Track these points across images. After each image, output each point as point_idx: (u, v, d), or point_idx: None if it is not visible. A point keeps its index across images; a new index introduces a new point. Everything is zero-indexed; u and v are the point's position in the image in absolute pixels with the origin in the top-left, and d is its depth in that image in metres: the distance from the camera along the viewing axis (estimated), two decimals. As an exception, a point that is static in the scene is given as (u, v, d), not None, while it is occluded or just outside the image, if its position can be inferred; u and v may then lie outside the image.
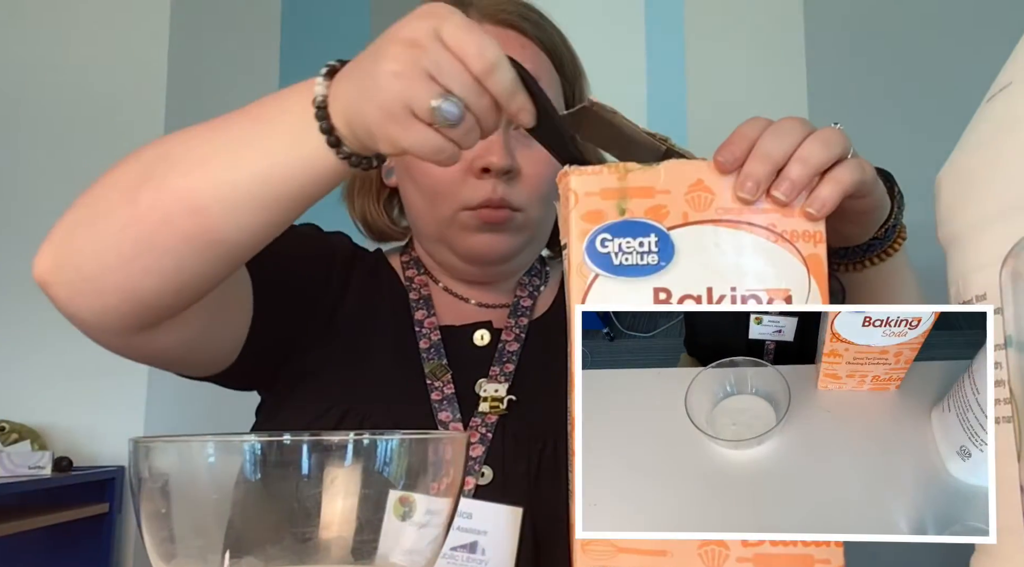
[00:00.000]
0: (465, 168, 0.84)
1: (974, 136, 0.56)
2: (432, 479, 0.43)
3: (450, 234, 0.88)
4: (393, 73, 0.56)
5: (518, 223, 0.87)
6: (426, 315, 0.90)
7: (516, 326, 0.90)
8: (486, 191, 0.84)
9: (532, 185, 0.86)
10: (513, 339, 0.89)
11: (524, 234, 0.88)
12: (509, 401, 0.84)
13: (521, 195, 0.85)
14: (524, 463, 0.82)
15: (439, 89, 0.55)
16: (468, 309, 0.93)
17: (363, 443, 0.42)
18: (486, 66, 0.56)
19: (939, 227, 0.58)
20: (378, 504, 0.42)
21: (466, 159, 0.82)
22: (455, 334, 0.89)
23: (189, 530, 0.41)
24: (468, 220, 0.86)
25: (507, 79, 0.57)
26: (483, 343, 0.89)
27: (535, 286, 0.95)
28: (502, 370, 0.87)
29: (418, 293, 0.92)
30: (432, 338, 0.88)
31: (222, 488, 0.41)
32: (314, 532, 0.41)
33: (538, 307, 0.94)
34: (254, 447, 0.40)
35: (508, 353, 0.88)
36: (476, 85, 0.56)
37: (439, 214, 0.87)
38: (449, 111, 0.56)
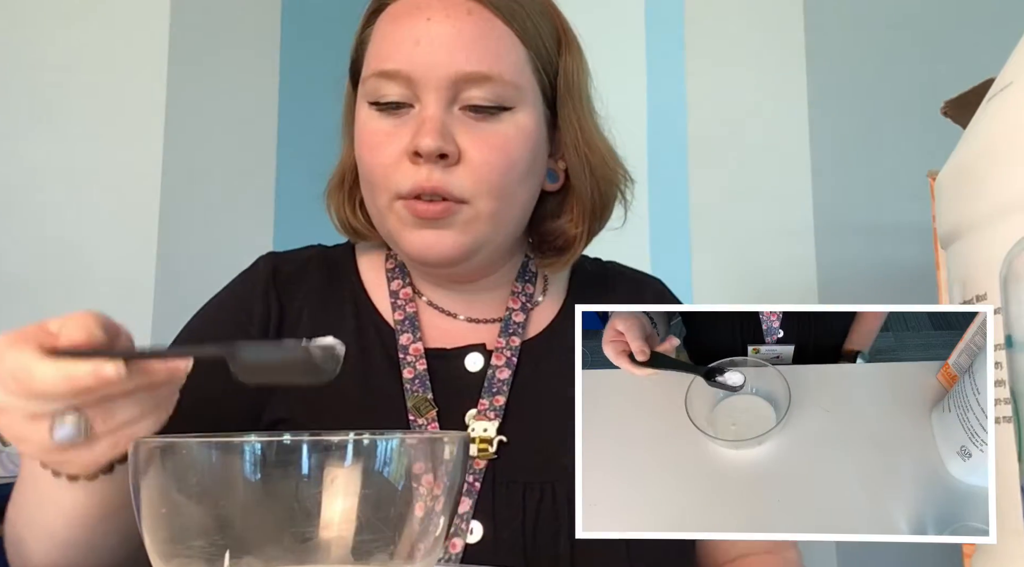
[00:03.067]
0: (400, 152, 0.74)
1: (974, 136, 0.56)
2: (432, 478, 0.43)
3: (391, 229, 0.77)
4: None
5: (465, 218, 0.75)
6: (411, 340, 0.79)
7: (507, 347, 0.80)
8: (419, 177, 0.73)
9: (478, 173, 0.74)
10: (504, 364, 0.79)
11: (473, 232, 0.75)
12: (499, 443, 0.75)
13: (463, 183, 0.73)
14: (519, 516, 0.73)
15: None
16: (458, 327, 0.82)
17: (363, 443, 0.42)
18: (27, 385, 0.52)
19: (939, 227, 0.58)
20: (378, 504, 0.42)
21: (402, 144, 0.74)
22: (446, 359, 0.79)
23: (189, 530, 0.41)
24: (402, 212, 0.75)
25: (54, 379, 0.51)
26: (476, 369, 0.79)
27: (529, 295, 0.84)
28: (491, 404, 0.77)
29: (403, 312, 0.81)
30: (417, 367, 0.77)
31: (222, 488, 0.41)
32: (314, 532, 0.41)
33: (533, 324, 0.83)
34: (254, 447, 0.40)
35: (498, 382, 0.78)
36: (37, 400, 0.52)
37: (378, 205, 0.77)
38: (66, 435, 0.54)
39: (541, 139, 0.79)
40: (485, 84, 0.74)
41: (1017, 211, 0.50)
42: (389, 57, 0.75)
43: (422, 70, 0.73)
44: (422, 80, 0.73)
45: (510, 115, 0.75)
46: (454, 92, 0.74)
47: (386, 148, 0.75)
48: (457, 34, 0.74)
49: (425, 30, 0.74)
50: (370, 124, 0.77)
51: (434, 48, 0.73)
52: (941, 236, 0.58)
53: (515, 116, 0.76)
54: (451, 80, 0.73)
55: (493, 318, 0.83)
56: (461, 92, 0.74)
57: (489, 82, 0.74)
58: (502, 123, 0.75)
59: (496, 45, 0.75)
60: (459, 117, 0.74)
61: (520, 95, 0.76)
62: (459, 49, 0.73)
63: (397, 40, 0.75)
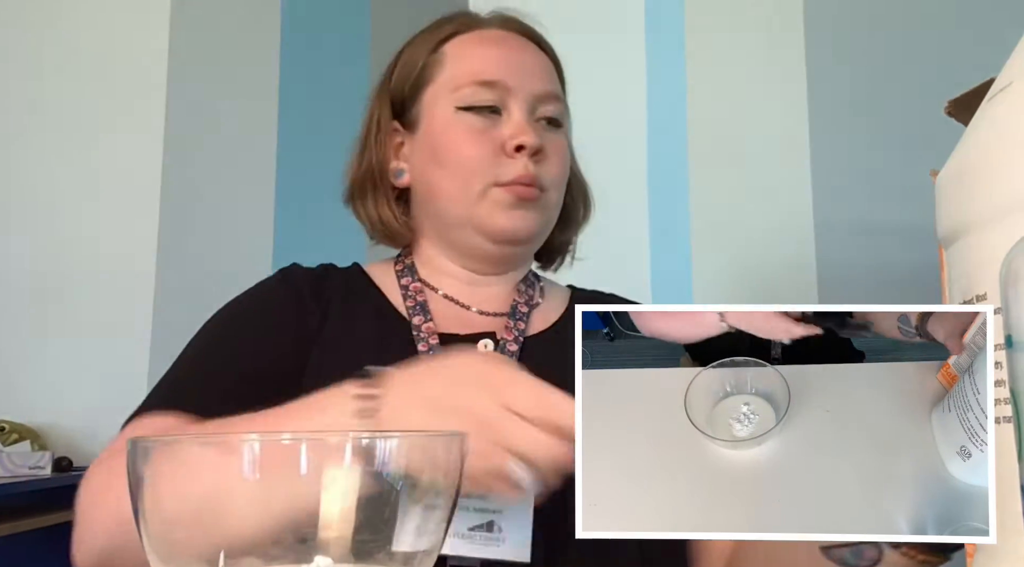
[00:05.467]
0: (497, 148, 0.90)
1: (974, 136, 0.56)
2: (432, 478, 0.43)
3: (480, 212, 0.90)
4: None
5: (544, 202, 0.92)
6: (423, 321, 0.90)
7: (515, 328, 0.92)
8: (519, 169, 0.89)
9: (554, 168, 0.92)
10: (512, 340, 0.91)
11: (547, 215, 0.93)
12: None
13: (548, 174, 0.91)
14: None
15: (514, 457, 0.58)
16: (469, 316, 0.93)
17: (362, 442, 0.42)
18: (556, 421, 0.57)
19: (939, 227, 0.58)
20: (378, 504, 0.42)
21: (498, 140, 0.89)
22: (458, 342, 0.89)
23: (188, 530, 0.41)
24: (500, 196, 0.89)
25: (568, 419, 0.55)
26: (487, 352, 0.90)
27: (530, 296, 0.97)
28: None
29: (414, 300, 0.93)
30: (431, 342, 0.88)
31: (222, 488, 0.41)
32: (314, 532, 0.41)
33: (535, 323, 0.95)
34: (253, 447, 0.40)
35: (508, 353, 0.89)
36: (553, 441, 0.57)
37: (471, 191, 0.90)
38: (523, 478, 0.57)
39: None
40: (554, 102, 0.94)
41: (1017, 211, 0.49)
42: (485, 71, 0.92)
43: (518, 84, 0.92)
44: (517, 92, 0.92)
45: (563, 130, 0.96)
46: (534, 106, 0.93)
47: (484, 144, 0.90)
48: (537, 62, 0.96)
49: (518, 56, 0.95)
50: (462, 123, 0.92)
51: (525, 69, 0.94)
52: (941, 236, 0.58)
53: (563, 133, 0.97)
54: (536, 95, 0.93)
55: (500, 312, 0.94)
56: (538, 107, 0.93)
57: (557, 102, 0.95)
58: (560, 134, 0.95)
59: (554, 76, 0.97)
60: (535, 125, 0.92)
61: (566, 116, 0.98)
62: (541, 73, 0.95)
63: (494, 59, 0.94)
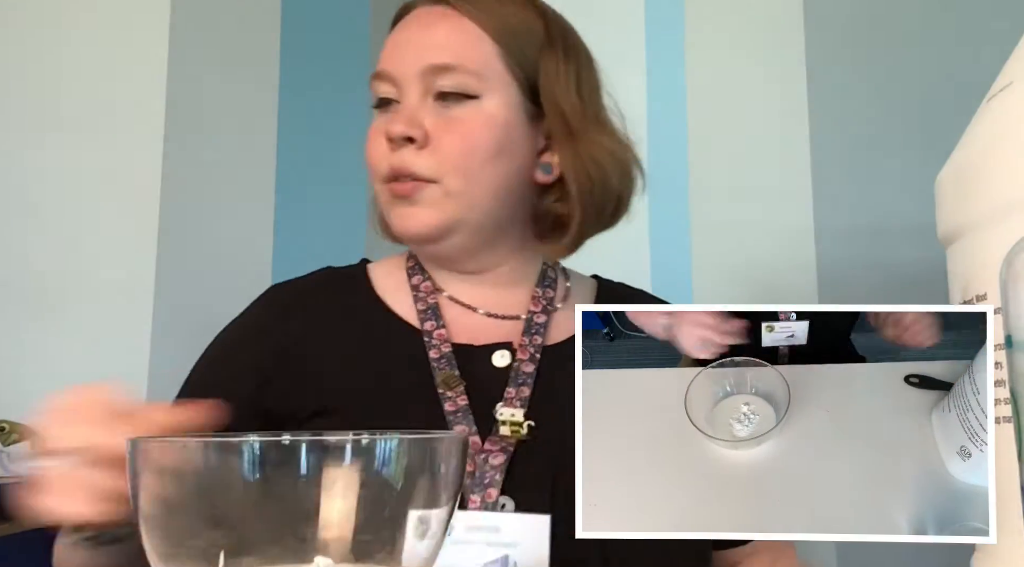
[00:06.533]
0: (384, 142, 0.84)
1: (974, 136, 0.56)
2: (431, 478, 0.43)
3: (383, 211, 0.88)
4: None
5: (434, 196, 0.83)
6: (435, 327, 0.85)
7: (531, 345, 0.85)
8: (392, 160, 0.83)
9: (443, 153, 0.82)
10: (528, 359, 0.84)
11: (447, 208, 0.83)
12: (529, 426, 0.80)
13: (428, 164, 0.82)
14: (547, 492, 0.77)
15: None
16: (480, 323, 0.87)
17: (362, 443, 0.42)
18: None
19: (939, 227, 0.58)
20: (378, 504, 0.42)
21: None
22: (473, 355, 0.84)
23: (188, 530, 0.41)
24: (384, 193, 0.86)
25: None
26: (503, 365, 0.84)
27: (549, 299, 0.90)
28: (518, 394, 0.82)
29: (425, 303, 0.87)
30: (443, 350, 0.83)
31: (222, 488, 0.41)
32: (314, 532, 0.41)
33: (556, 329, 0.88)
34: (253, 447, 0.40)
35: (524, 374, 0.83)
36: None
37: (378, 192, 0.87)
38: None
39: (514, 127, 0.86)
40: (450, 73, 0.83)
41: (1017, 211, 0.49)
42: (379, 62, 0.87)
43: (400, 68, 0.85)
44: (400, 77, 0.85)
45: (475, 103, 0.84)
46: (426, 83, 0.84)
47: (378, 140, 0.85)
48: (427, 35, 0.86)
49: (403, 35, 0.87)
50: (373, 123, 0.88)
51: (408, 48, 0.86)
52: (941, 236, 0.58)
53: (480, 104, 0.84)
54: (420, 73, 0.84)
55: (513, 315, 0.88)
56: (431, 83, 0.83)
57: (453, 71, 0.83)
58: (466, 109, 0.84)
59: (462, 39, 0.85)
60: (431, 106, 0.84)
61: (486, 85, 0.84)
62: (427, 46, 0.85)
63: (387, 48, 0.88)
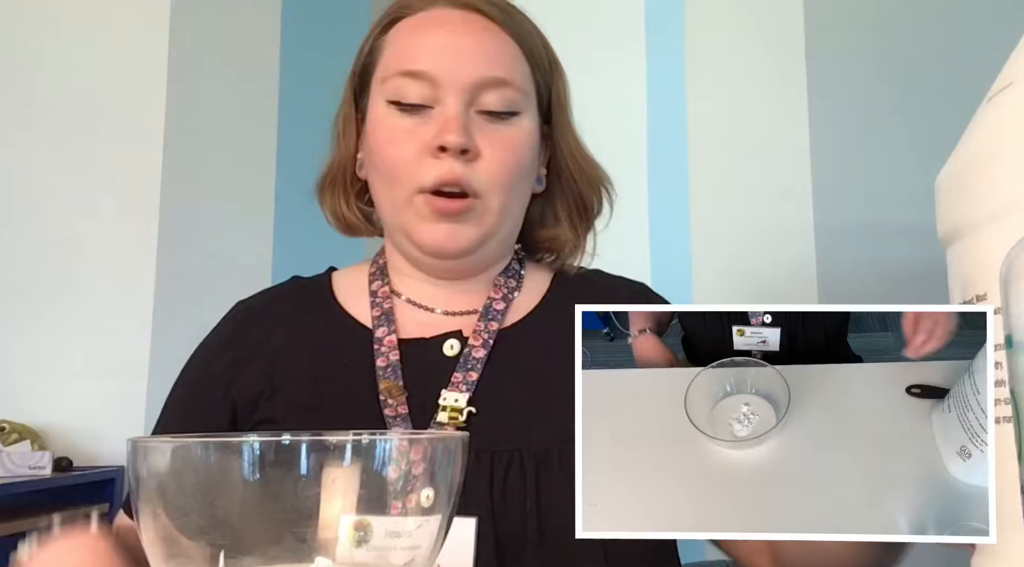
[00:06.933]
0: (423, 149, 0.80)
1: (974, 136, 0.56)
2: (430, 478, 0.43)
3: (407, 222, 0.82)
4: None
5: (477, 212, 0.81)
6: (386, 333, 0.84)
7: (485, 330, 0.84)
8: (441, 170, 0.79)
9: (491, 169, 0.81)
10: (480, 345, 0.83)
11: (484, 225, 0.82)
12: (468, 413, 0.79)
13: (479, 178, 0.80)
14: (487, 482, 0.76)
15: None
16: (435, 320, 0.86)
17: (362, 443, 0.42)
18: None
19: (939, 227, 0.58)
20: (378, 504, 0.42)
21: (424, 140, 0.80)
22: (424, 347, 0.83)
23: (188, 530, 0.41)
24: (421, 207, 0.81)
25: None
26: (453, 353, 0.83)
27: (510, 288, 0.88)
28: (464, 378, 0.81)
29: (380, 308, 0.86)
30: (391, 357, 0.82)
31: (221, 488, 0.41)
32: (314, 532, 0.41)
33: (510, 314, 0.87)
34: (253, 447, 0.40)
35: (473, 359, 0.82)
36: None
37: (396, 198, 0.82)
38: None
39: (536, 144, 0.87)
40: (500, 89, 0.82)
41: (1017, 211, 0.49)
42: (414, 59, 0.82)
43: (448, 74, 0.81)
44: (447, 83, 0.81)
45: (518, 119, 0.84)
46: (472, 96, 0.81)
47: (408, 144, 0.81)
48: (479, 44, 0.83)
49: (450, 39, 0.83)
50: (388, 121, 0.83)
51: (459, 54, 0.82)
52: (941, 236, 0.58)
53: (521, 121, 0.84)
54: (473, 84, 0.81)
55: (471, 310, 0.87)
56: (478, 97, 0.81)
57: (504, 87, 0.82)
58: (511, 126, 0.83)
59: (509, 54, 0.84)
60: (475, 119, 0.81)
61: (526, 103, 0.85)
62: (480, 57, 0.82)
63: (422, 45, 0.83)
